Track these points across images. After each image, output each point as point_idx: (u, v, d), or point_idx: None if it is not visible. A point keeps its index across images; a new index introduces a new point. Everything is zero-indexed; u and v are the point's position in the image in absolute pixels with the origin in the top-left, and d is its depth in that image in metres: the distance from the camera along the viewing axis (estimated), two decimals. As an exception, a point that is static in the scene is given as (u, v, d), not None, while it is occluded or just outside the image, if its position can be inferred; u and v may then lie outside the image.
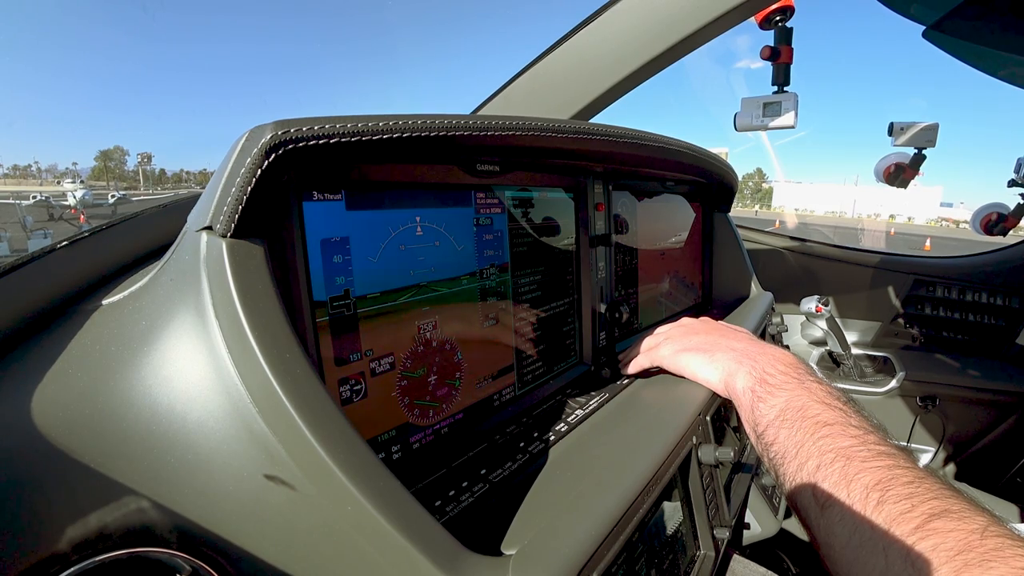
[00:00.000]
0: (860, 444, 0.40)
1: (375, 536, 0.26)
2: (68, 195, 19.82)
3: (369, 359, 0.42)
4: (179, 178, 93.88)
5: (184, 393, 0.30)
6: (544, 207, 0.63)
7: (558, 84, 0.91)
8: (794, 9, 1.09)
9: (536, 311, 0.62)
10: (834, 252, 1.68)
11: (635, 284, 0.83)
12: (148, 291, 0.35)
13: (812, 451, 0.42)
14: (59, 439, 0.33)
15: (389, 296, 0.43)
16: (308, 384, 0.28)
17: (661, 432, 0.48)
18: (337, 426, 0.28)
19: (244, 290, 0.29)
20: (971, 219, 1.56)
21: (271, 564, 0.29)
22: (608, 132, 0.54)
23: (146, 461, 0.31)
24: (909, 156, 1.44)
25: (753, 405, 0.49)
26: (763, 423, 0.47)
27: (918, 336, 1.62)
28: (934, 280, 1.58)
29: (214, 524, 0.30)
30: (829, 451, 0.41)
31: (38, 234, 12.99)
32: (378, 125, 0.33)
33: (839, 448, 0.40)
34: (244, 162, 0.29)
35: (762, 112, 1.13)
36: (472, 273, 0.52)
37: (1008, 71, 1.32)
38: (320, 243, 0.38)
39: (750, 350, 0.55)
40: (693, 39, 0.81)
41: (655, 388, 0.62)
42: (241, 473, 0.28)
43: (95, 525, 0.32)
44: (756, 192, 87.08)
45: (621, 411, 0.56)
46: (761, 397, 0.49)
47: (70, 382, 0.34)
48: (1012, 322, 1.50)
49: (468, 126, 0.38)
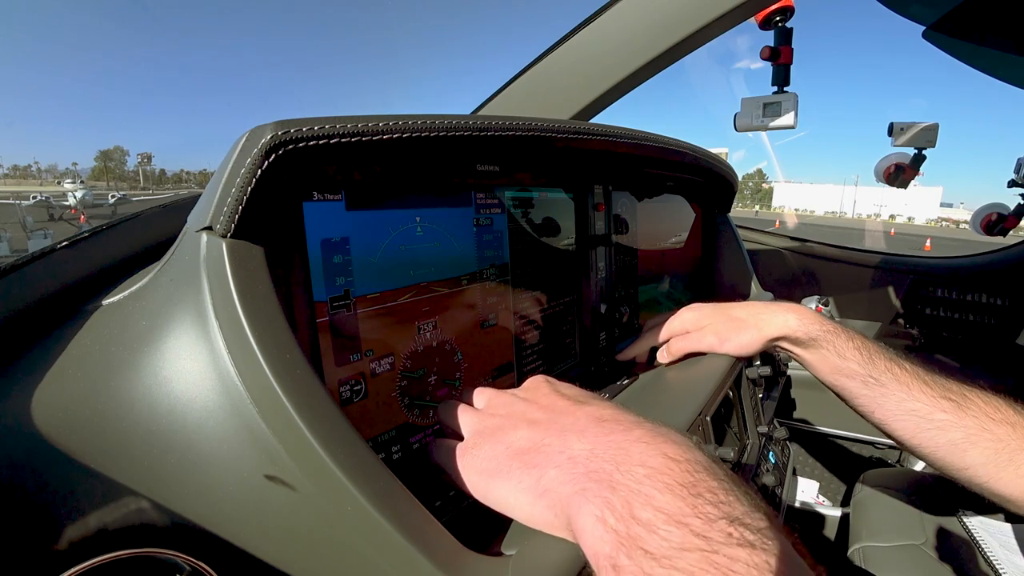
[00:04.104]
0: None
1: (375, 536, 0.26)
2: (68, 195, 19.82)
3: (369, 359, 0.42)
4: (179, 178, 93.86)
5: (184, 393, 0.30)
6: (544, 207, 0.62)
7: (558, 84, 0.91)
8: (794, 9, 1.09)
9: (536, 311, 0.62)
10: (834, 252, 1.68)
11: (635, 284, 0.83)
12: (148, 291, 0.35)
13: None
14: (59, 439, 0.33)
15: (389, 296, 0.43)
16: (308, 384, 0.28)
17: (661, 432, 0.48)
18: (337, 426, 0.28)
19: (244, 290, 0.29)
20: (971, 219, 1.56)
21: (271, 564, 0.29)
22: (608, 132, 0.54)
23: (146, 461, 0.31)
24: (909, 156, 1.44)
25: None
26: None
27: (918, 336, 1.62)
28: (934, 280, 1.58)
29: (214, 524, 0.30)
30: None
31: (38, 234, 12.99)
32: (378, 125, 0.33)
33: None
34: (244, 162, 0.29)
35: (762, 112, 1.13)
36: (472, 273, 0.52)
37: (1008, 71, 1.32)
38: (320, 243, 0.38)
39: (600, 456, 0.28)
40: (693, 39, 0.81)
41: (655, 388, 0.62)
42: (241, 473, 0.28)
43: (95, 525, 0.32)
44: (756, 192, 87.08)
45: (621, 411, 0.56)
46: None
47: (70, 382, 0.34)
48: (1012, 322, 1.50)
49: (468, 126, 0.38)
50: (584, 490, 0.27)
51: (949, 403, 0.52)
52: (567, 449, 0.30)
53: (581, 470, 0.28)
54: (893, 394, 0.54)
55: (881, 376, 0.55)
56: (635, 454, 0.27)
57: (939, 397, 0.53)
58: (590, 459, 0.28)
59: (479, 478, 0.33)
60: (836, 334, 0.58)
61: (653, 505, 0.24)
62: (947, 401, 0.52)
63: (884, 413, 0.56)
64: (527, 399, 0.37)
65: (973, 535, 0.82)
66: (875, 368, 0.56)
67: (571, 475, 0.28)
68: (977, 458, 0.50)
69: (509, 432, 0.34)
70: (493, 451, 0.33)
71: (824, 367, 0.59)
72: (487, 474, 0.32)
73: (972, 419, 0.51)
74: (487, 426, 0.36)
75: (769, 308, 0.62)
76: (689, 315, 0.66)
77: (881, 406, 0.55)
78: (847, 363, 0.57)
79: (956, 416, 0.52)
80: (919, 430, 0.53)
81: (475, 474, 0.33)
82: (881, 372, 0.55)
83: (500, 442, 0.33)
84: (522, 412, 0.36)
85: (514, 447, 0.32)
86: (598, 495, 0.26)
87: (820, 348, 0.58)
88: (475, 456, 0.34)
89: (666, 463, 0.26)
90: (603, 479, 0.26)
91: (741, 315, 0.63)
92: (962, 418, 0.51)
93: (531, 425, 0.33)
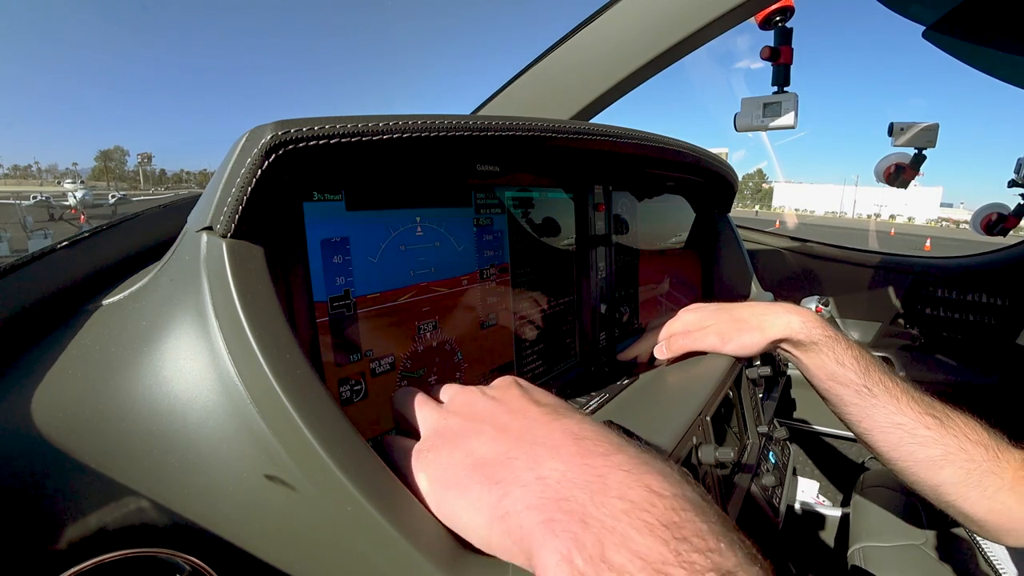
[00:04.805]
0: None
1: (375, 536, 0.26)
2: (68, 195, 19.84)
3: (369, 359, 0.42)
4: (179, 178, 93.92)
5: (184, 393, 0.30)
6: (544, 207, 0.63)
7: (558, 84, 0.91)
8: (794, 9, 1.09)
9: (536, 311, 0.62)
10: (834, 252, 1.68)
11: (635, 284, 0.83)
12: (148, 291, 0.35)
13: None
14: (59, 439, 0.33)
15: (389, 296, 0.43)
16: (308, 384, 0.28)
17: (661, 432, 0.48)
18: (337, 426, 0.28)
19: (244, 290, 0.29)
20: (971, 219, 1.56)
21: (271, 564, 0.29)
22: (608, 132, 0.54)
23: (146, 461, 0.31)
24: (909, 156, 1.44)
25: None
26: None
27: (918, 336, 1.62)
28: (934, 280, 1.58)
29: (214, 524, 0.30)
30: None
31: (38, 234, 13.00)
32: (378, 125, 0.33)
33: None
34: (244, 162, 0.29)
35: (762, 112, 1.13)
36: (472, 273, 0.52)
37: (1008, 71, 1.32)
38: (320, 243, 0.38)
39: (574, 481, 0.24)
40: (693, 39, 0.81)
41: (655, 388, 0.62)
42: (241, 473, 0.28)
43: (95, 525, 0.32)
44: (756, 192, 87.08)
45: (621, 411, 0.56)
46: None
47: (70, 382, 0.34)
48: (1012, 322, 1.50)
49: (468, 126, 0.38)
50: (551, 521, 0.23)
51: (933, 420, 0.54)
52: (537, 467, 0.26)
53: (550, 495, 0.24)
54: (883, 406, 0.55)
55: (874, 387, 0.56)
56: (613, 484, 0.24)
57: (925, 414, 0.54)
58: (562, 483, 0.24)
59: (432, 487, 0.29)
60: (836, 340, 0.58)
61: (629, 548, 0.21)
62: (931, 418, 0.54)
63: (871, 423, 0.56)
64: (496, 399, 0.33)
65: (973, 535, 0.82)
66: (870, 379, 0.56)
67: (539, 500, 0.24)
68: (950, 476, 0.52)
69: (471, 437, 0.30)
70: (451, 458, 0.29)
71: (820, 372, 0.59)
72: (441, 484, 0.29)
73: (952, 438, 0.52)
74: (448, 426, 0.32)
75: (772, 309, 0.63)
76: (690, 316, 0.66)
77: (870, 416, 0.56)
78: (844, 371, 0.57)
79: (938, 433, 0.53)
80: (901, 443, 0.54)
81: (428, 482, 0.29)
82: (875, 383, 0.56)
83: (459, 448, 0.29)
84: (488, 414, 0.32)
85: (476, 455, 0.28)
86: (566, 529, 0.22)
87: (820, 353, 0.59)
88: (429, 461, 0.30)
89: (648, 497, 0.23)
90: (574, 510, 0.23)
91: (744, 316, 0.63)
92: (943, 436, 0.53)
93: (498, 432, 0.29)
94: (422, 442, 0.32)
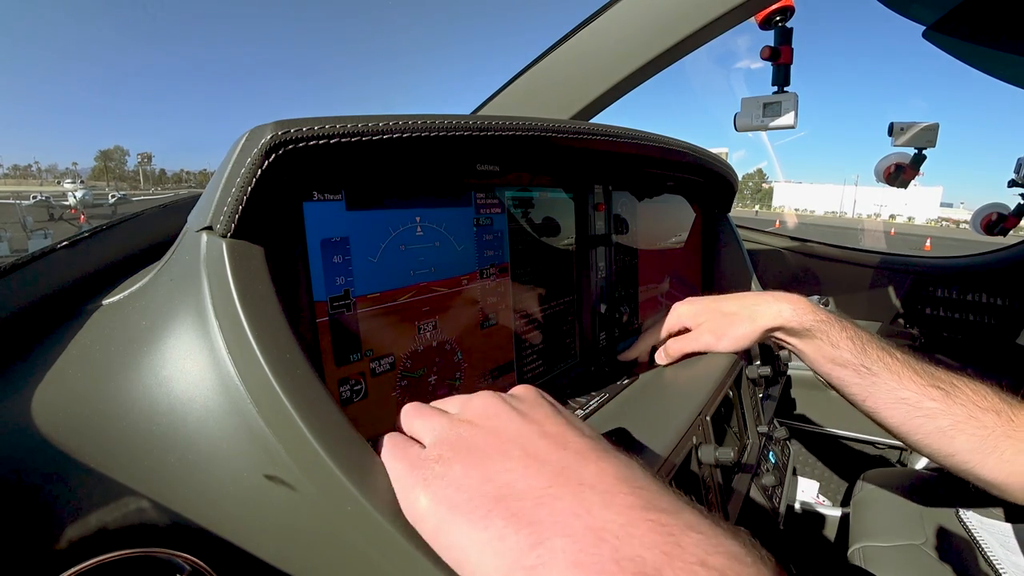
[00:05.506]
0: None
1: (375, 536, 0.26)
2: (68, 195, 19.84)
3: (369, 359, 0.42)
4: (179, 178, 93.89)
5: (184, 393, 0.30)
6: (544, 207, 0.63)
7: (558, 84, 0.91)
8: (794, 9, 1.09)
9: (536, 311, 0.62)
10: (834, 252, 1.68)
11: (635, 284, 0.83)
12: (148, 291, 0.35)
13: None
14: (59, 439, 0.33)
15: (389, 296, 0.43)
16: (308, 384, 0.28)
17: (661, 432, 0.48)
18: (337, 426, 0.28)
19: (244, 290, 0.29)
20: (971, 219, 1.56)
21: (271, 564, 0.29)
22: (608, 132, 0.54)
23: (146, 461, 0.31)
24: (909, 156, 1.44)
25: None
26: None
27: (918, 336, 1.62)
28: (934, 280, 1.58)
29: (214, 524, 0.30)
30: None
31: (38, 234, 13.00)
32: (378, 125, 0.33)
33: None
34: (244, 162, 0.29)
35: (762, 112, 1.13)
36: (472, 273, 0.52)
37: (1008, 71, 1.32)
38: (320, 243, 0.38)
39: (641, 539, 0.20)
40: (693, 39, 0.81)
41: (655, 388, 0.62)
42: (241, 473, 0.28)
43: (95, 525, 0.32)
44: (756, 192, 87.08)
45: (621, 411, 0.56)
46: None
47: (70, 382, 0.34)
48: (1012, 322, 1.50)
49: (468, 126, 0.38)
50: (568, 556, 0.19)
51: (938, 391, 0.53)
52: (586, 513, 0.21)
53: (608, 554, 0.19)
54: (884, 383, 0.55)
55: (873, 365, 0.56)
56: (691, 548, 0.19)
57: (928, 386, 0.54)
58: (623, 540, 0.20)
59: (434, 508, 0.23)
60: (830, 323, 0.59)
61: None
62: (936, 390, 0.53)
63: (875, 401, 0.56)
64: (525, 415, 0.27)
65: (973, 535, 0.82)
66: (867, 357, 0.56)
67: (591, 558, 0.19)
68: (963, 445, 0.51)
69: (495, 458, 0.24)
70: (466, 478, 0.24)
71: (818, 356, 0.59)
72: (449, 506, 0.23)
73: (960, 407, 0.52)
74: (461, 436, 0.26)
75: (762, 299, 0.63)
76: (685, 309, 0.66)
77: (872, 395, 0.56)
78: (840, 352, 0.57)
79: (944, 404, 0.52)
80: (908, 418, 0.54)
81: (429, 499, 0.24)
82: (873, 361, 0.56)
83: (477, 467, 0.24)
84: (517, 433, 0.26)
85: (500, 483, 0.23)
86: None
87: (814, 338, 0.59)
88: (435, 475, 0.24)
89: (731, 564, 0.19)
90: (646, 573, 0.18)
91: (733, 309, 0.63)
92: (950, 406, 0.52)
93: (530, 460, 0.24)
94: (427, 451, 0.26)
